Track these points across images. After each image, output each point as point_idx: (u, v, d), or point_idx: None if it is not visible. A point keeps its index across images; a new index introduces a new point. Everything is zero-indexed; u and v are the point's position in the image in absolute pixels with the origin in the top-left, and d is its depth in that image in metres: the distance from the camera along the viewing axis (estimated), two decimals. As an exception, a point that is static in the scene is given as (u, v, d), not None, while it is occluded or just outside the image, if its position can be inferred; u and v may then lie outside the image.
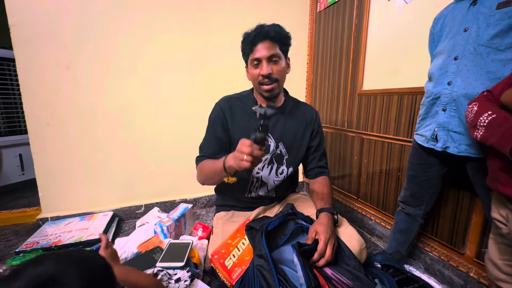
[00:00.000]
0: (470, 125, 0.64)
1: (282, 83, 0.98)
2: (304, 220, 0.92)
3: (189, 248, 0.92)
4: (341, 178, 1.70)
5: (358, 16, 1.45)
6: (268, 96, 0.97)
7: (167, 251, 0.92)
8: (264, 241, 0.75)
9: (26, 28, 1.33)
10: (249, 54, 0.93)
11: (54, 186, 1.49)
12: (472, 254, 0.98)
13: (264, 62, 0.89)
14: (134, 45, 1.51)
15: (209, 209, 1.79)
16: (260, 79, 0.92)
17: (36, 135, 1.42)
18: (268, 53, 0.89)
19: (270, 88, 0.93)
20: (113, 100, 1.52)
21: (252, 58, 0.91)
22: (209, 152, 1.01)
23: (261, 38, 0.89)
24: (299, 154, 1.06)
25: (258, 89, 0.97)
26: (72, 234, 1.33)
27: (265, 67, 0.89)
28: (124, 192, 1.63)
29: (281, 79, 0.95)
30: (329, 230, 0.81)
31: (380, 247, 1.33)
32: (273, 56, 0.90)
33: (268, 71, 0.89)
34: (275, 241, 0.85)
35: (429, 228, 1.13)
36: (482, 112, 0.59)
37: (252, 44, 0.90)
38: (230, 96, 1.06)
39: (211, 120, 1.04)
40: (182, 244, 0.96)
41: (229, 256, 0.85)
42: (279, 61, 0.92)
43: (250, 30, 0.91)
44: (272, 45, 0.90)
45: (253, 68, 0.93)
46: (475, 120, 0.61)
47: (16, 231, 1.52)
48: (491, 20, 0.68)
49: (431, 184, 0.96)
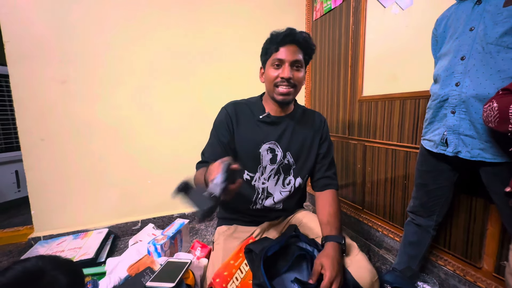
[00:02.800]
0: (499, 121, 0.59)
1: (297, 92, 0.94)
2: (309, 244, 0.85)
3: (185, 269, 0.86)
4: (344, 187, 1.63)
5: (355, 23, 1.44)
6: (281, 101, 0.91)
7: (162, 270, 0.87)
8: (262, 269, 0.69)
9: (21, 44, 1.32)
10: (272, 54, 0.89)
11: (47, 203, 1.44)
12: (491, 268, 0.91)
13: (287, 64, 0.87)
14: (129, 57, 1.50)
15: (208, 223, 1.72)
16: (278, 81, 0.88)
17: (30, 151, 1.38)
18: (293, 57, 0.87)
19: (286, 92, 0.89)
20: (108, 114, 1.49)
21: (275, 58, 0.88)
22: (212, 156, 0.92)
23: (289, 41, 0.87)
24: (307, 163, 0.99)
25: (271, 92, 0.92)
26: (64, 254, 1.27)
27: (287, 70, 0.86)
28: (120, 207, 1.58)
29: (298, 86, 0.92)
30: (336, 265, 0.74)
31: (389, 260, 1.25)
32: (297, 62, 0.88)
33: (289, 75, 0.86)
34: (276, 267, 0.78)
35: (441, 240, 1.06)
36: (507, 104, 0.56)
37: (278, 44, 0.87)
38: (237, 101, 1.01)
39: (216, 124, 0.98)
40: (179, 263, 0.90)
41: (231, 280, 0.78)
42: (300, 69, 0.90)
43: (279, 30, 0.89)
44: (298, 50, 0.88)
45: (272, 69, 0.89)
46: (503, 114, 0.57)
47: (8, 251, 1.47)
48: (498, 18, 0.66)
49: (442, 192, 0.90)
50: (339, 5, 1.55)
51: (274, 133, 0.95)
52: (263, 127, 0.95)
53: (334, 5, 1.59)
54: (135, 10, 1.48)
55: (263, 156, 0.94)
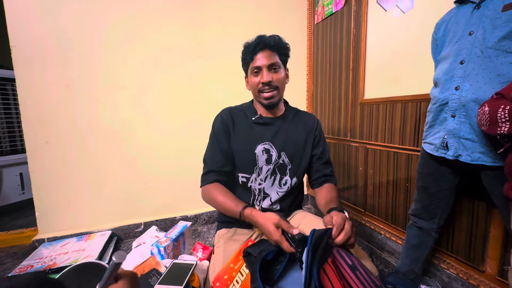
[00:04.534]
0: (489, 124, 0.61)
1: (282, 92, 0.99)
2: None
3: (191, 271, 0.86)
4: (346, 190, 1.63)
5: (356, 26, 1.45)
6: (268, 104, 0.96)
7: (169, 272, 0.87)
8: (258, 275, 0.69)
9: (27, 49, 1.35)
10: (250, 63, 0.95)
11: (51, 205, 1.46)
12: (494, 272, 0.90)
13: (265, 70, 0.92)
14: (134, 61, 1.52)
15: (210, 225, 1.73)
16: (260, 87, 0.93)
17: (34, 153, 1.40)
18: (268, 61, 0.91)
19: (270, 96, 0.94)
20: (111, 117, 1.51)
21: (252, 67, 0.94)
22: (216, 165, 0.96)
23: (261, 48, 0.91)
24: (302, 163, 1.02)
25: (257, 97, 0.98)
26: (68, 256, 1.28)
27: (266, 75, 0.91)
28: (123, 210, 1.59)
29: (281, 87, 0.96)
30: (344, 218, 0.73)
31: (391, 263, 1.25)
32: (273, 65, 0.92)
33: (269, 79, 0.91)
34: (274, 270, 0.79)
35: (443, 243, 1.06)
36: (495, 108, 0.58)
37: (252, 53, 0.92)
38: (231, 107, 1.06)
39: (214, 132, 1.01)
40: (185, 265, 0.91)
41: (232, 283, 0.79)
42: (278, 70, 0.94)
43: (250, 40, 0.94)
44: (271, 54, 0.92)
45: (253, 77, 0.95)
46: (492, 118, 0.59)
47: (12, 253, 1.48)
48: (497, 23, 0.67)
49: (444, 195, 0.90)
50: (340, 9, 1.57)
51: (268, 133, 0.99)
52: (256, 128, 0.99)
53: (335, 9, 1.61)
54: (134, 13, 1.51)
55: (258, 157, 0.97)
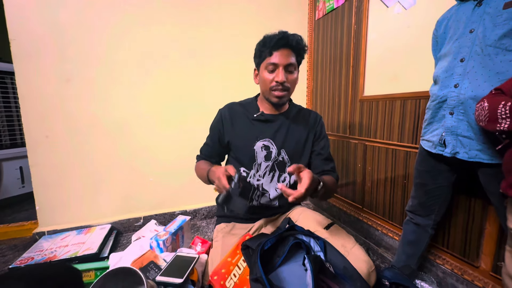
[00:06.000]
0: (488, 120, 0.60)
1: (291, 93, 0.98)
2: (304, 234, 0.87)
3: (193, 265, 0.88)
4: (344, 186, 1.64)
5: (357, 22, 1.44)
6: (277, 103, 0.95)
7: (171, 264, 0.88)
8: (259, 264, 0.70)
9: (26, 42, 1.34)
10: (266, 57, 0.91)
11: (51, 199, 1.46)
12: (488, 268, 0.91)
13: (281, 68, 0.89)
14: (135, 57, 1.51)
15: (209, 220, 1.74)
16: (273, 85, 0.91)
17: (35, 147, 1.40)
18: (286, 61, 0.89)
19: (281, 95, 0.92)
20: (111, 112, 1.51)
21: (269, 62, 0.90)
22: (205, 154, 1.09)
23: (282, 45, 0.88)
24: (302, 160, 1.02)
25: (267, 94, 0.95)
26: (68, 248, 1.29)
27: (282, 74, 0.89)
28: (123, 204, 1.60)
29: (292, 89, 0.95)
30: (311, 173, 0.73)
31: (387, 259, 1.26)
32: (290, 65, 0.90)
33: (284, 79, 0.89)
34: (273, 261, 0.80)
35: (439, 239, 1.07)
36: (496, 104, 0.56)
37: (272, 48, 0.89)
38: (232, 103, 1.06)
39: (211, 126, 1.07)
40: (187, 258, 0.92)
41: (229, 276, 0.80)
42: (294, 71, 0.92)
43: (272, 33, 0.91)
44: (291, 53, 0.90)
45: (267, 72, 0.92)
46: (492, 114, 0.57)
47: (13, 245, 1.49)
48: (498, 20, 0.66)
49: (441, 192, 0.91)
50: (341, 5, 1.55)
51: (269, 130, 0.99)
52: (257, 125, 0.99)
53: (336, 5, 1.59)
54: (135, 8, 1.49)
55: (257, 153, 0.98)
